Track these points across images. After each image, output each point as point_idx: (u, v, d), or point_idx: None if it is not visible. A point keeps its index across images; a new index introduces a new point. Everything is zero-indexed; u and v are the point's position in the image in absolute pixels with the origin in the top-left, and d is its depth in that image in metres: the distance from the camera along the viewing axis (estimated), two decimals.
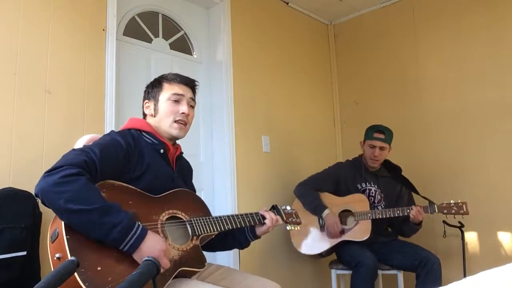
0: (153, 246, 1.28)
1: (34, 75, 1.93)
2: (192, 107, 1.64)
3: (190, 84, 1.65)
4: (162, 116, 1.58)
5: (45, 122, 1.94)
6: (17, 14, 1.92)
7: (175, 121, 1.58)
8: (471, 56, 2.96)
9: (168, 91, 1.60)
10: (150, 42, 2.61)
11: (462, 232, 2.65)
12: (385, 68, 3.42)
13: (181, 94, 1.60)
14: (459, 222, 2.66)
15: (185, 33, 2.83)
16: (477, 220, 2.79)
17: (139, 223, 1.29)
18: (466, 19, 3.01)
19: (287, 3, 3.39)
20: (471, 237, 2.84)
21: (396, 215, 2.46)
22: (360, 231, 2.51)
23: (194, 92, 1.67)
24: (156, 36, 2.66)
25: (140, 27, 2.59)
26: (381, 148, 2.62)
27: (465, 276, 2.43)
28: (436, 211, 2.42)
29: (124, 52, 2.43)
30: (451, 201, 2.42)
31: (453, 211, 2.39)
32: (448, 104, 3.04)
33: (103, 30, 2.22)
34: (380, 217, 2.47)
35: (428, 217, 2.89)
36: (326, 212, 2.55)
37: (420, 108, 3.18)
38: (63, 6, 2.08)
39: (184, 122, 1.59)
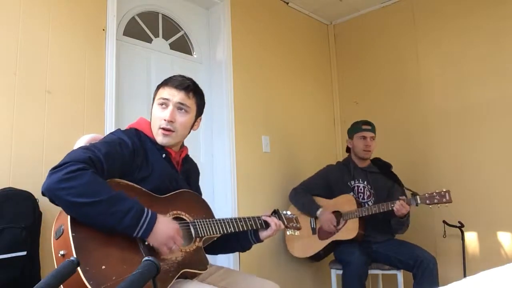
0: (166, 227, 1.30)
1: (34, 75, 1.93)
2: (183, 110, 1.53)
3: (180, 86, 1.52)
4: (152, 122, 1.55)
5: (45, 122, 1.94)
6: (17, 14, 1.92)
7: (159, 128, 1.51)
8: (471, 56, 2.96)
9: (157, 96, 1.56)
10: (150, 42, 2.61)
11: (462, 232, 2.65)
12: (385, 67, 3.42)
13: (166, 99, 1.50)
14: (459, 222, 2.66)
15: (185, 33, 2.82)
16: (477, 220, 2.79)
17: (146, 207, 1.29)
18: (466, 19, 3.01)
19: (287, 3, 3.39)
20: (471, 237, 2.84)
21: (381, 211, 2.43)
22: (347, 230, 2.53)
23: (188, 94, 1.53)
24: (156, 36, 2.66)
25: (140, 27, 2.59)
26: (372, 138, 2.69)
27: (465, 276, 2.43)
28: (419, 201, 2.35)
29: (124, 52, 2.43)
30: (435, 191, 2.35)
31: (435, 201, 2.31)
32: (448, 103, 3.04)
33: (103, 30, 2.21)
34: (366, 214, 2.48)
35: (428, 217, 2.90)
36: (319, 210, 2.59)
37: (420, 108, 3.18)
38: (63, 6, 2.08)
39: (167, 129, 1.50)
